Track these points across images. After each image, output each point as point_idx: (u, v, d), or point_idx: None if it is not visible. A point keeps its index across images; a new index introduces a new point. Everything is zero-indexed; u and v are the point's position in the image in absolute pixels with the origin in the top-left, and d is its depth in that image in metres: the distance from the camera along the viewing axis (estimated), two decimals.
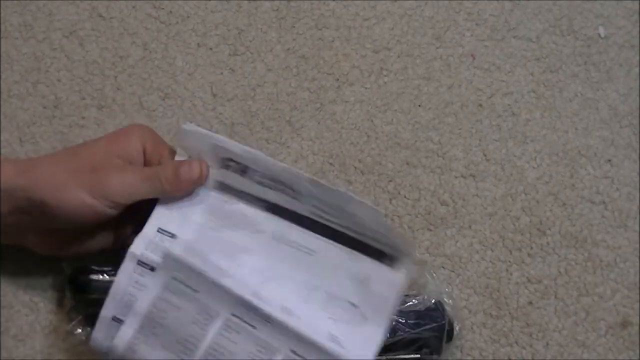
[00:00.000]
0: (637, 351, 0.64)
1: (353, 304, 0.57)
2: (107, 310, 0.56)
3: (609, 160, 0.68)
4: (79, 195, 0.53)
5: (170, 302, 0.56)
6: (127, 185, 0.55)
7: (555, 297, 0.65)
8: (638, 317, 0.64)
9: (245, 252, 0.58)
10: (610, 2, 0.72)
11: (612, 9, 0.72)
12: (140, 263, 0.56)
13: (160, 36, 0.69)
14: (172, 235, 0.57)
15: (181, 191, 0.58)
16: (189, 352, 0.55)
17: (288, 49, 0.69)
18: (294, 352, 0.55)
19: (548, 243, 0.66)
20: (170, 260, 0.56)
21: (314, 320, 0.56)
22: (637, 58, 0.71)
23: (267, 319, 0.55)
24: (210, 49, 0.69)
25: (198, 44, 0.69)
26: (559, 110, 0.69)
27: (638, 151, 0.68)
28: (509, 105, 0.69)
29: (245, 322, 0.55)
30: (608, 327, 0.64)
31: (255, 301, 0.55)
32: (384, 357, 0.59)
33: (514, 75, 0.70)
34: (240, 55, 0.69)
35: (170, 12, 0.70)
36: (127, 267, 0.56)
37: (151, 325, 0.56)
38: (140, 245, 0.57)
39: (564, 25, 0.71)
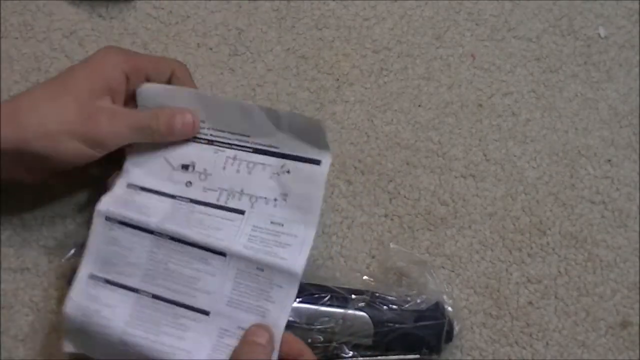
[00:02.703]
0: (637, 351, 0.64)
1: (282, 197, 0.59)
2: (85, 268, 0.57)
3: (609, 160, 0.68)
4: (73, 145, 0.55)
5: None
6: (119, 134, 0.56)
7: (555, 297, 0.65)
8: (638, 317, 0.64)
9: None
10: (610, 2, 0.72)
11: (612, 9, 0.72)
12: (109, 219, 0.58)
13: (160, 36, 0.69)
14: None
15: (172, 140, 0.59)
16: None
17: (288, 49, 0.69)
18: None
19: (548, 243, 0.66)
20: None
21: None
22: (637, 58, 0.71)
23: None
24: (210, 49, 0.69)
25: (198, 44, 0.69)
26: (559, 110, 0.69)
27: (638, 151, 0.68)
28: (509, 105, 0.69)
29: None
30: (608, 327, 0.64)
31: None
32: (384, 357, 0.59)
33: (514, 75, 0.70)
34: (240, 55, 0.69)
35: (170, 12, 0.70)
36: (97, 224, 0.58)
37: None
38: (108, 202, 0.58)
39: (564, 25, 0.71)
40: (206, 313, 0.56)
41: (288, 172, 0.58)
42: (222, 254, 0.56)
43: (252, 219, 0.58)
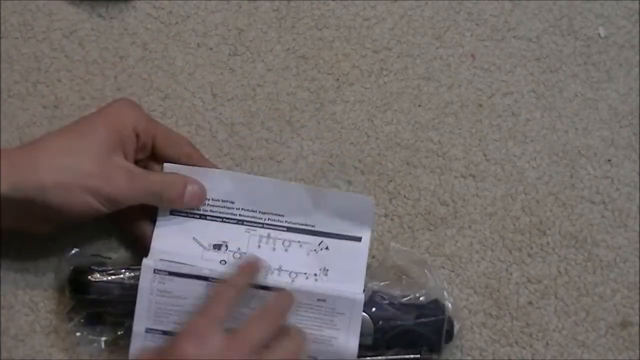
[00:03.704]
0: (637, 351, 0.64)
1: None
2: (139, 324, 0.58)
3: (609, 160, 0.68)
4: (84, 198, 0.55)
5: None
6: (134, 195, 0.57)
7: (555, 297, 0.65)
8: (638, 317, 0.64)
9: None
10: (610, 2, 0.72)
11: (612, 9, 0.72)
12: (157, 272, 0.58)
13: (160, 36, 0.69)
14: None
15: (179, 207, 0.60)
16: None
17: (288, 49, 0.69)
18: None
19: (548, 243, 0.66)
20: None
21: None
22: (637, 58, 0.71)
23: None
24: (210, 49, 0.69)
25: (198, 44, 0.69)
26: (559, 110, 0.69)
27: (638, 151, 0.68)
28: (509, 105, 0.69)
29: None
30: (608, 327, 0.64)
31: None
32: (384, 357, 0.59)
33: (514, 75, 0.70)
34: (240, 55, 0.69)
35: (170, 12, 0.70)
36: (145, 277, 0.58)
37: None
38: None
39: (564, 25, 0.71)
40: None
41: (327, 248, 0.59)
42: None
43: (297, 296, 0.58)
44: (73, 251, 0.62)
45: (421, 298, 0.60)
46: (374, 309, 0.59)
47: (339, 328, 0.57)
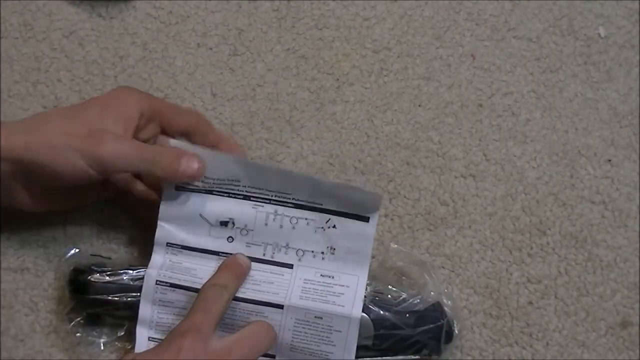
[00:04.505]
0: (637, 351, 0.64)
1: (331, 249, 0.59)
2: (142, 333, 0.59)
3: (609, 160, 0.68)
4: (73, 158, 0.54)
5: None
6: (122, 158, 0.55)
7: (555, 297, 0.65)
8: (638, 317, 0.64)
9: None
10: (610, 2, 0.72)
11: (612, 9, 0.72)
12: (159, 283, 0.58)
13: (160, 36, 0.69)
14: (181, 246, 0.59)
15: (174, 181, 0.58)
16: None
17: (288, 49, 0.69)
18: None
19: (548, 243, 0.66)
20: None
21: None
22: (637, 58, 0.71)
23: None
24: (210, 49, 0.69)
25: (198, 44, 0.69)
26: (559, 110, 0.69)
27: (638, 151, 0.68)
28: (509, 105, 0.69)
29: None
30: (608, 327, 0.64)
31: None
32: (383, 358, 0.59)
33: (514, 75, 0.70)
34: (240, 55, 0.69)
35: (170, 12, 0.70)
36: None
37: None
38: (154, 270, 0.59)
39: (564, 25, 0.71)
40: (272, 356, 0.58)
41: (334, 226, 0.58)
42: (278, 306, 0.57)
43: (302, 273, 0.59)
44: (73, 251, 0.62)
45: (420, 302, 0.60)
46: (373, 312, 0.59)
47: (335, 344, 0.57)
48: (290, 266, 0.59)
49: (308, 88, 0.69)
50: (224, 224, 0.59)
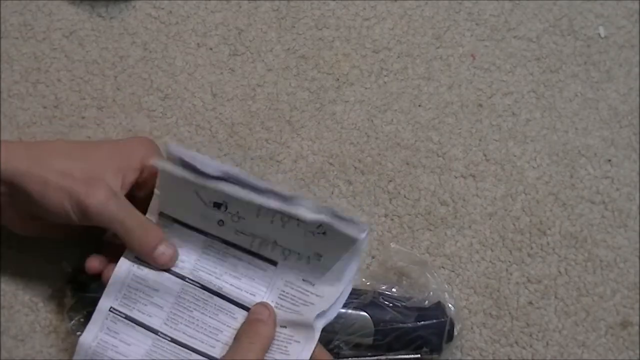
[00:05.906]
0: (637, 351, 0.64)
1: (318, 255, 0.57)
2: (106, 301, 0.57)
3: (609, 160, 0.68)
4: (61, 199, 0.54)
5: None
6: (105, 216, 0.55)
7: (555, 297, 0.65)
8: (638, 317, 0.64)
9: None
10: (610, 2, 0.72)
11: (612, 9, 0.72)
12: (137, 259, 0.58)
13: (160, 36, 0.69)
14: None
15: (142, 258, 0.58)
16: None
17: (288, 49, 0.69)
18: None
19: (548, 243, 0.66)
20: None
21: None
22: (637, 58, 0.71)
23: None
24: (210, 49, 0.69)
25: (198, 44, 0.69)
26: (559, 110, 0.69)
27: (638, 151, 0.68)
28: (509, 105, 0.69)
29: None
30: (608, 327, 0.64)
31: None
32: (384, 357, 0.59)
33: (514, 75, 0.70)
34: (240, 55, 0.69)
35: (170, 12, 0.70)
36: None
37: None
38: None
39: (564, 25, 0.71)
40: None
41: (324, 233, 0.56)
42: (249, 309, 0.57)
43: (285, 274, 0.57)
44: (73, 251, 0.61)
45: (422, 300, 0.60)
46: (375, 311, 0.59)
47: (290, 355, 0.55)
48: (275, 263, 0.58)
49: (308, 88, 0.69)
50: (217, 205, 0.57)
